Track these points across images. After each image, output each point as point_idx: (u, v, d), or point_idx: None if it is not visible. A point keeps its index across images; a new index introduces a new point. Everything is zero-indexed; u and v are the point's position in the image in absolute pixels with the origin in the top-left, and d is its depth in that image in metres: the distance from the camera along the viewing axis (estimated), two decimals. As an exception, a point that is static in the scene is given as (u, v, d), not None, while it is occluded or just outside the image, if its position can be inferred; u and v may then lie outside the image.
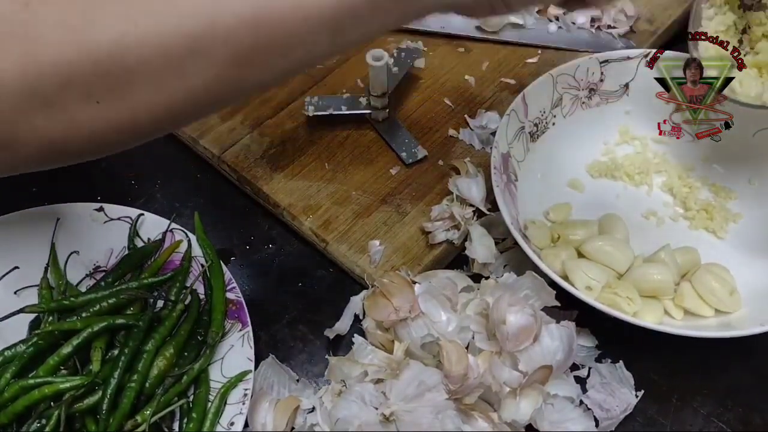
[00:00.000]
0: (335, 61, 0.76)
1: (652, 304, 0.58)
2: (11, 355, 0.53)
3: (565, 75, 0.67)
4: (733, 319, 0.58)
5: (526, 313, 0.53)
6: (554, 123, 0.68)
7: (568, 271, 0.58)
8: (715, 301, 0.58)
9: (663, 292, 0.58)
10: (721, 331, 0.56)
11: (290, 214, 0.64)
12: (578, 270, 0.58)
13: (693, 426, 0.56)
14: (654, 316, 0.57)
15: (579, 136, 0.69)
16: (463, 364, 0.52)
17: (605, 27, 0.79)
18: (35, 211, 0.61)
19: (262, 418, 0.53)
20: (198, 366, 0.53)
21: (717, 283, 0.58)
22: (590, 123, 0.70)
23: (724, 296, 0.58)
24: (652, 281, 0.58)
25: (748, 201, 0.66)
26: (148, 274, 0.58)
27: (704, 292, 0.58)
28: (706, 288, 0.58)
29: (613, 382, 0.56)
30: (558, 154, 0.68)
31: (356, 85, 0.74)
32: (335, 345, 0.59)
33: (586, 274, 0.57)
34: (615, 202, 0.67)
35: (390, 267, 0.61)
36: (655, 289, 0.58)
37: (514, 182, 0.63)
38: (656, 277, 0.58)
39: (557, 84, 0.67)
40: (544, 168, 0.67)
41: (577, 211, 0.66)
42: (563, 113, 0.69)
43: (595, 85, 0.69)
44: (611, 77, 0.69)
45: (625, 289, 0.57)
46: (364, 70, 0.68)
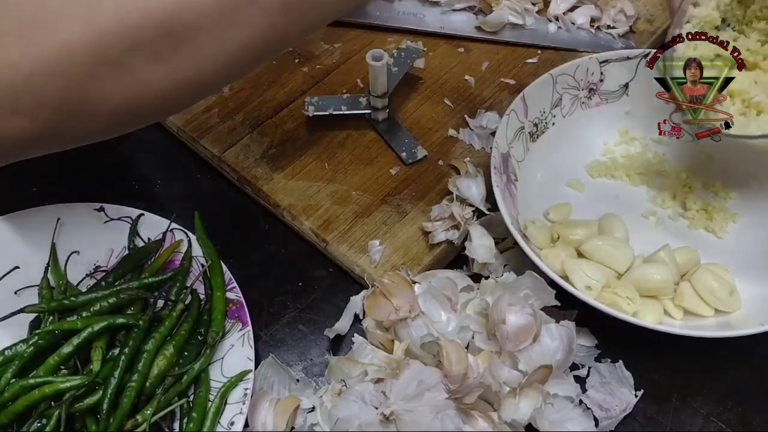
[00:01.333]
0: (335, 61, 0.76)
1: (651, 304, 0.58)
2: (12, 355, 0.53)
3: (565, 75, 0.68)
4: (733, 319, 0.58)
5: (525, 313, 0.53)
6: (554, 123, 0.68)
7: (568, 271, 0.58)
8: (714, 301, 0.58)
9: (663, 292, 0.58)
10: (720, 331, 0.56)
11: (290, 214, 0.64)
12: (578, 270, 0.58)
13: (693, 426, 0.56)
14: (654, 316, 0.57)
15: (579, 136, 0.69)
16: (463, 364, 0.52)
17: (605, 27, 0.79)
18: (36, 211, 0.61)
19: (262, 418, 0.53)
20: (198, 366, 0.54)
21: (716, 283, 0.58)
22: (590, 123, 0.70)
23: (724, 296, 0.58)
24: (652, 281, 0.58)
25: (748, 201, 0.66)
26: (148, 273, 0.58)
27: (704, 292, 0.58)
28: (706, 288, 0.58)
29: (612, 382, 0.56)
30: (558, 154, 0.68)
31: (356, 85, 0.74)
32: (335, 345, 0.59)
33: (585, 274, 0.57)
34: (615, 202, 0.67)
35: (390, 267, 0.61)
36: (655, 289, 0.58)
37: (514, 182, 0.63)
38: (656, 277, 0.58)
39: (557, 84, 0.67)
40: (544, 168, 0.67)
41: (577, 211, 0.66)
42: (563, 113, 0.69)
43: (595, 85, 0.69)
44: (611, 77, 0.69)
45: (625, 289, 0.57)
46: (364, 71, 0.68)
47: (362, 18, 0.79)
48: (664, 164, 0.69)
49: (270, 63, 0.75)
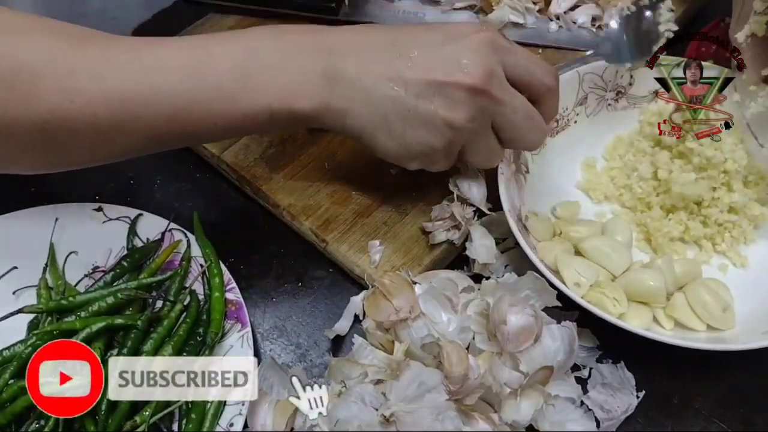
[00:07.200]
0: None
1: (640, 309, 0.57)
2: (10, 356, 0.52)
3: (592, 74, 0.67)
4: (726, 336, 0.57)
5: (526, 314, 0.53)
6: (576, 121, 0.67)
7: (560, 266, 0.57)
8: (706, 316, 0.57)
9: (654, 299, 0.58)
10: (709, 344, 0.54)
11: (290, 214, 0.64)
12: (570, 266, 0.57)
13: (694, 426, 0.56)
14: (640, 321, 0.56)
15: (602, 138, 0.68)
16: (464, 365, 0.51)
17: (606, 26, 0.78)
18: (34, 211, 0.60)
19: (261, 419, 0.53)
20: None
21: (710, 297, 0.57)
22: (615, 125, 0.68)
23: (716, 312, 0.57)
24: (645, 287, 0.57)
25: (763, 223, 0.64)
26: (147, 274, 0.58)
27: (696, 305, 0.57)
28: (698, 301, 0.57)
29: (614, 383, 0.55)
30: (577, 152, 0.67)
31: (356, 84, 0.73)
32: (335, 345, 0.59)
33: (576, 271, 0.57)
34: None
35: (390, 267, 0.60)
36: (647, 294, 0.57)
37: (524, 174, 0.62)
38: (649, 283, 0.57)
39: (583, 82, 0.66)
40: (560, 165, 0.66)
41: (586, 213, 0.65)
42: (587, 112, 0.68)
43: (624, 88, 0.68)
44: (641, 82, 0.67)
45: (613, 291, 0.56)
46: (364, 70, 0.68)
47: (362, 17, 0.78)
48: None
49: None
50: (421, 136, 0.53)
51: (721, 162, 0.61)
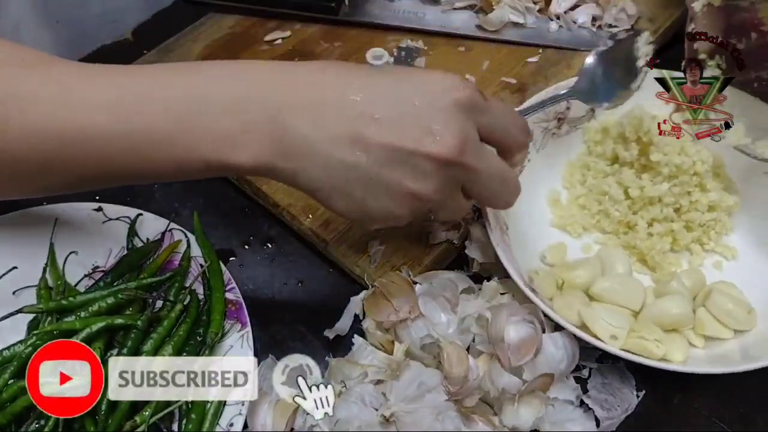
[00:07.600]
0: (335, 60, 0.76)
1: (675, 340, 0.55)
2: (10, 356, 0.52)
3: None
4: (751, 342, 0.56)
5: (526, 324, 0.53)
6: (530, 160, 0.64)
7: (587, 321, 0.55)
8: (732, 323, 0.56)
9: (683, 324, 0.56)
10: (746, 364, 0.53)
11: (290, 213, 0.64)
12: (597, 318, 0.54)
13: (694, 426, 0.56)
14: (681, 353, 0.54)
15: (555, 168, 0.67)
16: (464, 366, 0.51)
17: (606, 26, 0.78)
18: (33, 211, 0.60)
19: (261, 419, 0.53)
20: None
21: (732, 304, 0.56)
22: (564, 152, 0.67)
23: (741, 316, 0.56)
24: (672, 315, 0.56)
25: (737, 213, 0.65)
26: (146, 274, 0.58)
27: (722, 316, 0.56)
28: (722, 311, 0.56)
29: (614, 382, 0.56)
30: (539, 191, 0.66)
31: (356, 84, 0.73)
32: (335, 345, 0.59)
33: (606, 322, 0.54)
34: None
35: (390, 267, 0.60)
36: (676, 322, 0.56)
37: (506, 232, 0.60)
38: (675, 311, 0.56)
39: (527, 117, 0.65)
40: (530, 209, 0.64)
41: (572, 248, 0.63)
42: (536, 147, 0.65)
43: (563, 113, 0.66)
44: (577, 103, 0.65)
45: (650, 331, 0.54)
46: (364, 70, 0.68)
47: (362, 17, 0.78)
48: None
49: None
50: (383, 205, 0.48)
51: (690, 166, 0.61)
